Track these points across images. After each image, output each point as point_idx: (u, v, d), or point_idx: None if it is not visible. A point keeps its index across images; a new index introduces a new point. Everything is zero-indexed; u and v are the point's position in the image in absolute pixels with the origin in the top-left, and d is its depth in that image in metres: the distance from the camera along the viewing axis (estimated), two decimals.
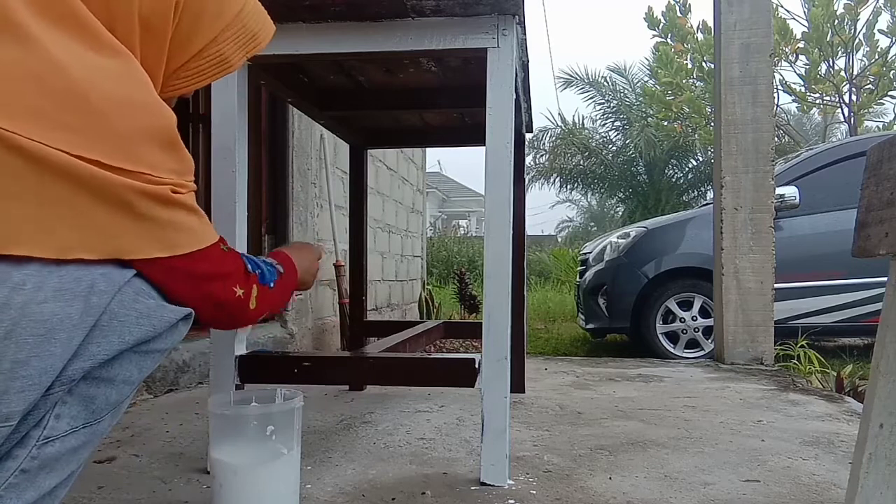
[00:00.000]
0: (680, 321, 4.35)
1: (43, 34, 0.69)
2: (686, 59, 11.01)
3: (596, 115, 15.20)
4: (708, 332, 4.20)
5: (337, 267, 3.75)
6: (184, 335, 0.83)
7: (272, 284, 1.03)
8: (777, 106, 10.02)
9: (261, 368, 1.44)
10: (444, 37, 1.34)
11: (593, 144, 15.02)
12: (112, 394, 0.76)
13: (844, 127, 11.50)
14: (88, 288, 0.70)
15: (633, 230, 4.98)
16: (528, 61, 1.79)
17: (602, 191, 15.60)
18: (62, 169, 0.67)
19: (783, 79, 10.62)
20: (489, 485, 1.34)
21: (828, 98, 10.67)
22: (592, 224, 21.51)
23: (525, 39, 1.56)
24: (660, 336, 4.38)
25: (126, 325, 0.74)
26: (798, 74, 10.44)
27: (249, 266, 0.96)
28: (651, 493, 1.31)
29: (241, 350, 1.42)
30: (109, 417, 0.78)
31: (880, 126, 11.45)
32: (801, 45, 9.97)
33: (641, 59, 25.77)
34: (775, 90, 5.01)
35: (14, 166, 0.65)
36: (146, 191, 0.72)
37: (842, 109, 10.68)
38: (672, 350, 4.32)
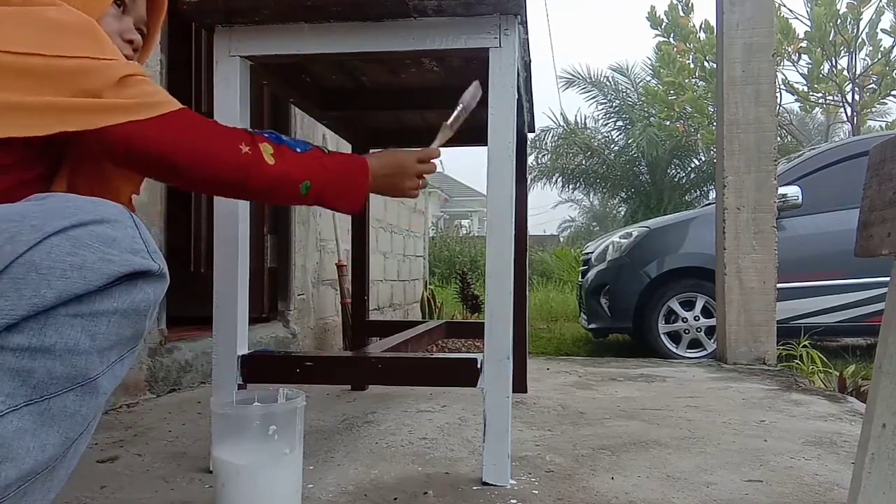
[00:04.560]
0: (682, 321, 4.34)
1: None
2: (688, 59, 11.01)
3: (598, 115, 15.20)
4: (710, 331, 4.20)
5: (339, 267, 3.75)
6: (152, 296, 0.75)
7: (300, 149, 1.07)
8: (779, 105, 10.01)
9: (263, 368, 1.44)
10: (446, 37, 1.34)
11: (595, 144, 15.00)
12: (55, 365, 0.68)
13: (847, 126, 11.49)
14: (7, 238, 0.66)
15: (635, 230, 4.98)
16: (529, 61, 1.79)
17: (604, 191, 15.58)
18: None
19: (786, 78, 10.62)
20: (491, 484, 1.34)
21: (830, 98, 10.66)
22: (594, 224, 21.47)
23: (527, 39, 1.56)
24: (662, 336, 4.38)
25: (47, 277, 0.66)
26: (801, 74, 10.44)
27: (252, 131, 1.03)
28: (653, 494, 1.31)
29: (243, 350, 1.42)
30: (73, 395, 0.70)
31: (883, 125, 11.43)
32: (803, 44, 9.97)
33: (644, 59, 25.75)
34: (778, 90, 5.01)
35: None
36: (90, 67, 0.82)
37: (844, 109, 10.68)
38: (674, 350, 4.32)
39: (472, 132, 2.38)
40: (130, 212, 0.78)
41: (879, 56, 9.98)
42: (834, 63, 10.20)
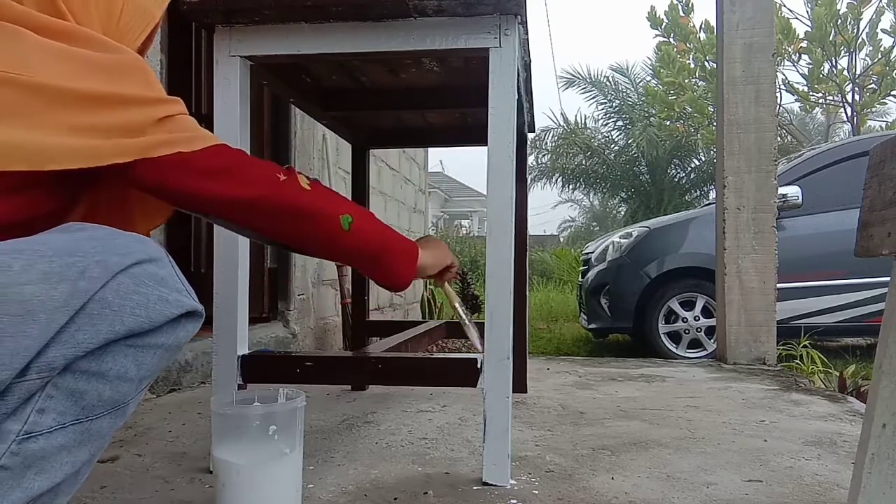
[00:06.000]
0: (682, 321, 4.34)
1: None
2: (688, 59, 11.02)
3: (598, 115, 15.21)
4: (710, 332, 4.20)
5: (339, 267, 3.75)
6: (191, 333, 0.81)
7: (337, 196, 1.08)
8: (780, 105, 10.02)
9: (263, 368, 1.44)
10: (447, 37, 1.34)
11: (595, 144, 15.00)
12: (105, 390, 0.73)
13: (847, 126, 11.50)
14: (79, 273, 0.69)
15: (635, 230, 4.98)
16: (530, 61, 1.79)
17: (604, 191, 15.58)
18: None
19: (786, 78, 10.63)
20: (491, 485, 1.34)
21: (830, 98, 10.67)
22: (595, 224, 21.48)
23: (527, 39, 1.56)
24: (662, 336, 4.38)
25: (119, 314, 0.71)
26: (801, 74, 10.45)
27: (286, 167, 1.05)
28: (653, 494, 1.31)
29: (243, 350, 1.42)
30: (109, 418, 0.75)
31: (883, 126, 11.44)
32: (804, 44, 9.98)
33: (644, 59, 25.79)
34: (778, 90, 5.01)
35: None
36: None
37: (844, 109, 10.68)
38: (674, 350, 4.32)
39: (473, 132, 2.40)
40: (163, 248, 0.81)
41: (879, 56, 9.99)
42: (834, 63, 10.20)
